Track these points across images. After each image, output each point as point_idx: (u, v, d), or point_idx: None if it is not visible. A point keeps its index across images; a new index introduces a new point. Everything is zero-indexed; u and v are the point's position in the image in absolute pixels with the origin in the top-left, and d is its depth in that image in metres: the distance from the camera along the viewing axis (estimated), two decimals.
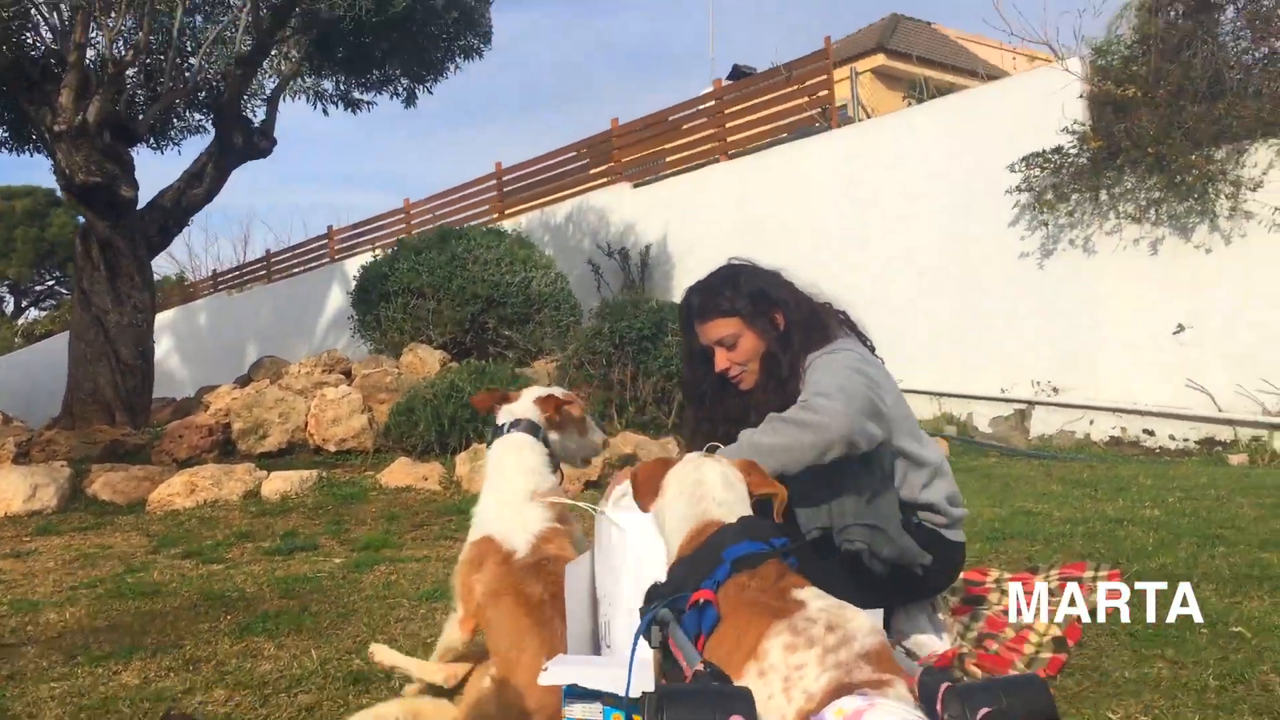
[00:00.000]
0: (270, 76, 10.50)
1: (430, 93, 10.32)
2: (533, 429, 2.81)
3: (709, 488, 1.91)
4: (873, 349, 3.06)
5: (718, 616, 1.62)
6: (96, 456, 7.53)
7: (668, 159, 13.68)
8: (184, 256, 42.29)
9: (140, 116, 9.49)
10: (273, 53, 9.74)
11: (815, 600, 1.56)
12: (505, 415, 2.87)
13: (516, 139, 63.90)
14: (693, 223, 12.59)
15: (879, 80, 20.96)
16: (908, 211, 10.61)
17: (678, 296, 12.14)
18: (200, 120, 10.80)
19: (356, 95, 10.25)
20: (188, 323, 22.06)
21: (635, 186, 13.64)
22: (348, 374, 9.26)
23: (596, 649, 2.44)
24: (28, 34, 9.26)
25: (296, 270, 19.78)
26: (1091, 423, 9.31)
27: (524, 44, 68.28)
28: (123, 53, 7.91)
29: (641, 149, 13.98)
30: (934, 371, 10.28)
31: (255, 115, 10.21)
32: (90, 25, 8.64)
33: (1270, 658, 2.89)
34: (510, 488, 2.69)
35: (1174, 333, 8.85)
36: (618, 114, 23.11)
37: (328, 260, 18.61)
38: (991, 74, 13.65)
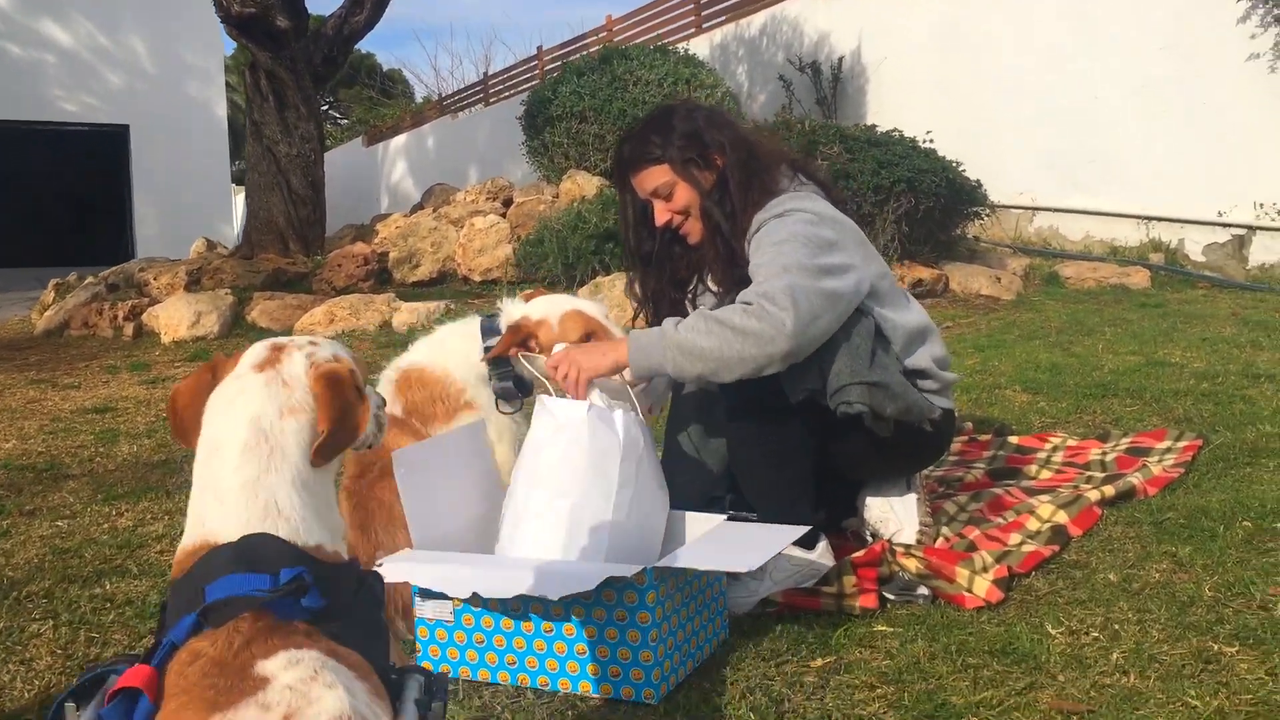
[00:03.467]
0: None
1: None
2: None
3: (224, 459, 1.25)
4: (839, 200, 2.67)
5: (152, 710, 1.08)
6: (260, 284, 7.93)
7: None
8: (431, 79, 43.50)
9: None
10: None
11: (287, 672, 1.06)
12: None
13: None
14: (888, 33, 11.63)
15: None
16: (1121, 8, 9.36)
17: (871, 114, 11.47)
18: None
19: None
20: (418, 147, 22.82)
21: None
22: (510, 201, 9.29)
23: (485, 548, 2.30)
24: None
25: (511, 93, 19.89)
26: None
27: None
28: None
29: None
30: (1141, 192, 9.24)
31: None
32: None
33: None
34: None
35: None
36: None
37: (537, 81, 18.57)
38: None
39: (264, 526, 1.20)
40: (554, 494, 2.18)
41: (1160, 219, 9.15)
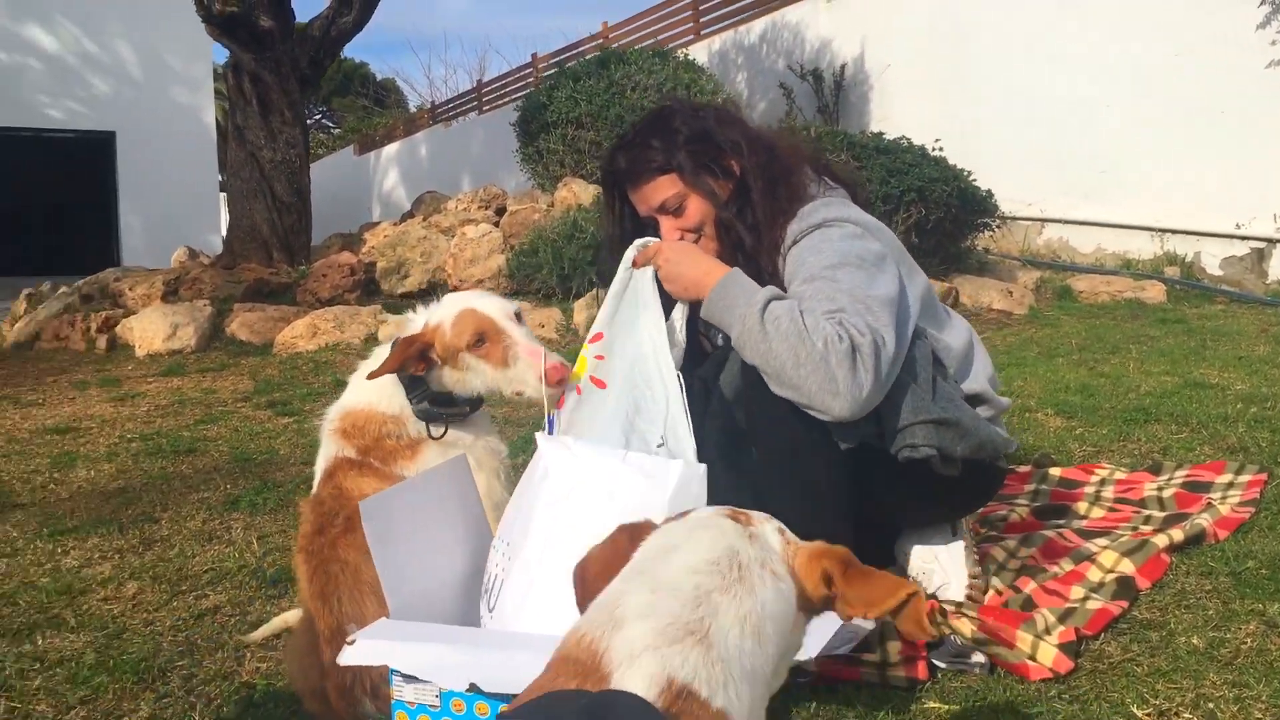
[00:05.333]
0: None
1: None
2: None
3: (679, 557, 1.07)
4: (865, 202, 2.33)
5: None
6: (241, 295, 7.58)
7: None
8: (425, 89, 43.25)
9: None
10: None
11: None
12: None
13: None
14: (891, 38, 11.35)
15: None
16: (1133, 11, 9.06)
17: (875, 122, 11.15)
18: None
19: None
20: (410, 156, 22.50)
21: (829, 0, 12.40)
22: (503, 210, 8.96)
23: (474, 613, 1.93)
24: None
25: (505, 101, 19.59)
26: None
27: None
28: None
29: None
30: (1155, 203, 8.95)
31: None
32: None
33: None
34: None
35: None
36: None
37: (533, 88, 18.27)
38: None
39: (681, 643, 0.97)
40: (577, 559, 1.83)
41: (1175, 231, 8.86)
